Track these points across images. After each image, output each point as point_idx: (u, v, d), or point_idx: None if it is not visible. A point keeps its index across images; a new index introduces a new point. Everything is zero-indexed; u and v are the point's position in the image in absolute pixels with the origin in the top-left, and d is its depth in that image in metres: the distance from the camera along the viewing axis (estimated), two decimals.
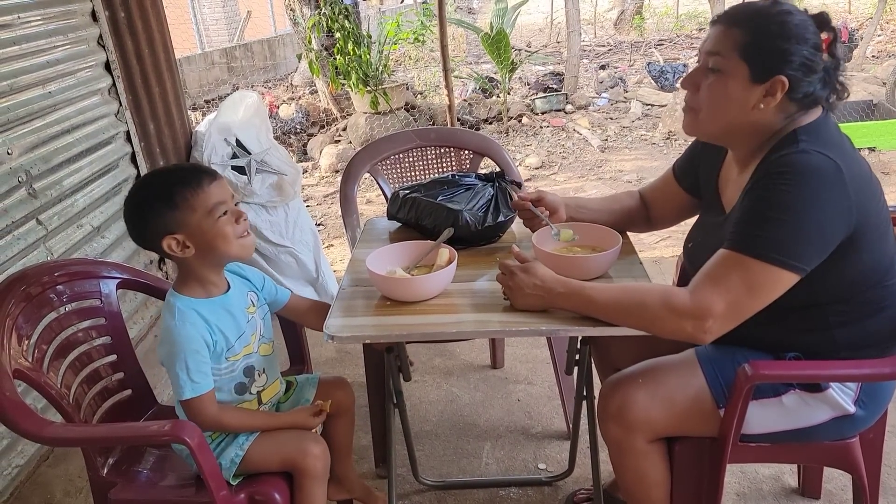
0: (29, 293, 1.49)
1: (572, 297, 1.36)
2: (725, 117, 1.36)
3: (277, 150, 3.22)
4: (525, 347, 2.80)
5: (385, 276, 1.49)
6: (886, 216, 1.34)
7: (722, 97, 1.34)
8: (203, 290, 1.44)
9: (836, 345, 1.37)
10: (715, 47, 1.33)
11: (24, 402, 1.34)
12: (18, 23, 2.33)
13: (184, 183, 1.35)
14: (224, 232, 1.38)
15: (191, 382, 1.35)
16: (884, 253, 1.34)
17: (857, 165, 1.27)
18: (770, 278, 1.23)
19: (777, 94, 1.29)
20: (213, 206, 1.36)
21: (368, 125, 6.39)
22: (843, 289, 1.33)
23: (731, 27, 1.32)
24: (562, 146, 6.29)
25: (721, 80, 1.33)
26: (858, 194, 1.24)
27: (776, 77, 1.28)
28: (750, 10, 1.33)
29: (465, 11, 14.62)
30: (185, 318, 1.38)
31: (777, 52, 1.28)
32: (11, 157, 2.22)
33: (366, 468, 2.17)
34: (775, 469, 2.04)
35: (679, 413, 1.41)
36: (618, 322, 1.33)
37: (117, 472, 1.55)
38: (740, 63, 1.30)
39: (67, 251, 2.44)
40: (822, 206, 1.21)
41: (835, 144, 1.28)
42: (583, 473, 2.06)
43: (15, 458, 2.17)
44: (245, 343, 1.48)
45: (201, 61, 9.06)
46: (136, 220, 1.39)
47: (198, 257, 1.39)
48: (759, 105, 1.31)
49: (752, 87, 1.30)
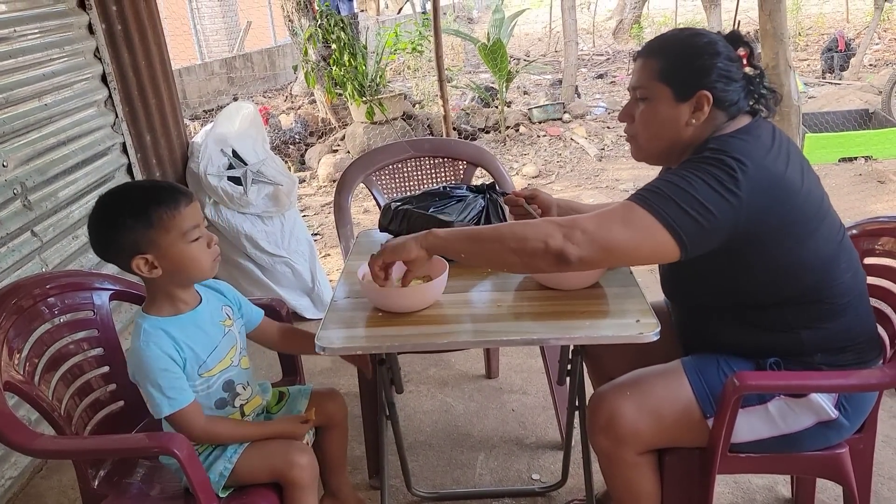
0: (20, 306, 1.50)
1: (450, 238, 1.38)
2: (662, 138, 1.44)
3: (273, 160, 3.24)
4: (519, 357, 2.80)
5: (377, 288, 1.49)
6: (812, 218, 1.35)
7: (654, 121, 1.43)
8: (172, 308, 1.43)
9: (805, 346, 1.40)
10: (639, 81, 1.44)
11: (14, 415, 1.34)
12: (15, 36, 2.34)
13: (161, 202, 1.33)
14: (195, 256, 1.38)
15: (167, 399, 1.35)
16: (812, 253, 1.35)
17: (763, 172, 1.30)
18: (647, 224, 1.27)
19: (704, 108, 1.37)
20: (187, 229, 1.35)
21: (366, 135, 6.41)
22: (778, 289, 1.37)
23: (648, 58, 1.43)
24: (559, 155, 6.31)
25: (650, 107, 1.43)
26: (754, 196, 1.27)
27: (698, 92, 1.37)
28: (662, 40, 1.45)
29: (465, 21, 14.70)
30: (149, 338, 1.37)
31: (693, 69, 1.38)
32: (7, 170, 2.24)
33: (359, 479, 2.16)
34: (769, 479, 2.03)
35: (667, 424, 1.42)
36: (498, 254, 1.33)
37: (108, 484, 1.55)
38: (662, 87, 1.40)
39: (62, 263, 2.45)
40: (707, 193, 1.26)
41: (741, 153, 1.31)
42: (576, 484, 2.06)
43: (8, 470, 2.17)
44: (219, 358, 1.47)
45: (201, 72, 9.10)
46: (104, 232, 1.35)
47: (164, 278, 1.38)
48: (691, 121, 1.40)
49: (678, 106, 1.39)
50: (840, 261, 1.39)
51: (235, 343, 1.52)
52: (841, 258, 1.39)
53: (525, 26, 13.96)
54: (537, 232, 1.29)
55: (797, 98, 3.12)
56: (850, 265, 1.41)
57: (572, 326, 1.39)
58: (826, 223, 1.38)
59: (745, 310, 1.41)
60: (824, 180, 5.20)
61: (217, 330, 1.49)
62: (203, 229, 1.40)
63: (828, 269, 1.37)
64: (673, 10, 13.41)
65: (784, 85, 3.08)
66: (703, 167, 1.30)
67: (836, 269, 1.38)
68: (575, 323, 1.40)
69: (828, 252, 1.37)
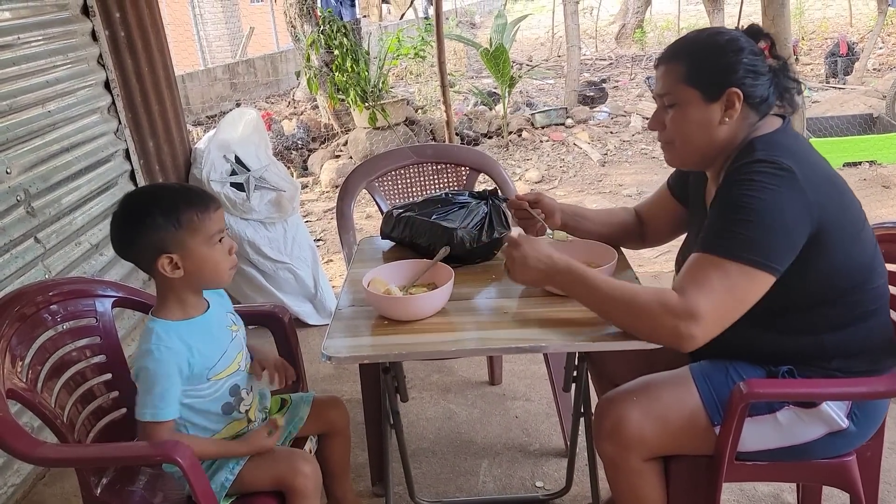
0: (23, 313, 1.50)
1: (571, 276, 1.38)
2: (698, 142, 1.42)
3: (276, 166, 3.24)
4: (523, 363, 2.79)
5: (382, 296, 1.49)
6: (857, 219, 1.37)
7: (686, 125, 1.41)
8: (182, 312, 1.43)
9: (826, 351, 1.38)
10: (664, 87, 1.42)
11: (17, 422, 1.33)
12: (19, 43, 2.35)
13: (192, 204, 1.35)
14: (217, 261, 1.39)
15: (151, 407, 1.35)
16: (859, 254, 1.36)
17: (815, 169, 1.32)
18: (746, 278, 1.25)
19: (736, 105, 1.36)
20: (214, 232, 1.37)
21: (368, 140, 6.42)
22: (821, 290, 1.35)
23: (671, 63, 1.41)
24: (562, 160, 6.30)
25: (680, 111, 1.40)
26: (816, 194, 1.28)
27: (728, 89, 1.35)
28: (682, 43, 1.44)
29: (467, 26, 14.73)
30: (161, 341, 1.37)
31: (719, 67, 1.36)
32: (10, 176, 2.24)
33: (362, 486, 2.15)
34: (774, 487, 2.02)
35: (673, 431, 1.41)
36: (608, 314, 1.35)
37: (111, 492, 1.54)
38: (690, 90, 1.38)
39: (65, 269, 2.45)
40: (782, 206, 1.25)
41: (791, 152, 1.31)
42: (580, 491, 2.05)
43: (11, 477, 2.17)
44: (228, 362, 1.47)
45: (204, 77, 9.13)
46: (131, 229, 1.36)
47: (184, 280, 1.38)
48: (725, 119, 1.37)
49: (709, 106, 1.37)
50: (876, 264, 1.39)
51: (242, 348, 1.53)
52: (877, 262, 1.40)
53: (527, 31, 13.98)
54: (654, 324, 1.28)
55: (801, 103, 3.10)
56: (883, 271, 1.42)
57: (578, 333, 1.38)
58: (867, 226, 1.39)
59: (774, 315, 1.36)
60: None
61: (225, 334, 1.49)
62: (226, 235, 1.42)
63: (867, 272, 1.37)
64: (675, 15, 13.43)
65: None
66: (762, 179, 1.27)
67: (873, 272, 1.38)
68: (581, 330, 1.39)
69: (869, 255, 1.38)
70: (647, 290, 1.34)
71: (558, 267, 1.40)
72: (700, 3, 8.89)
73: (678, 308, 1.25)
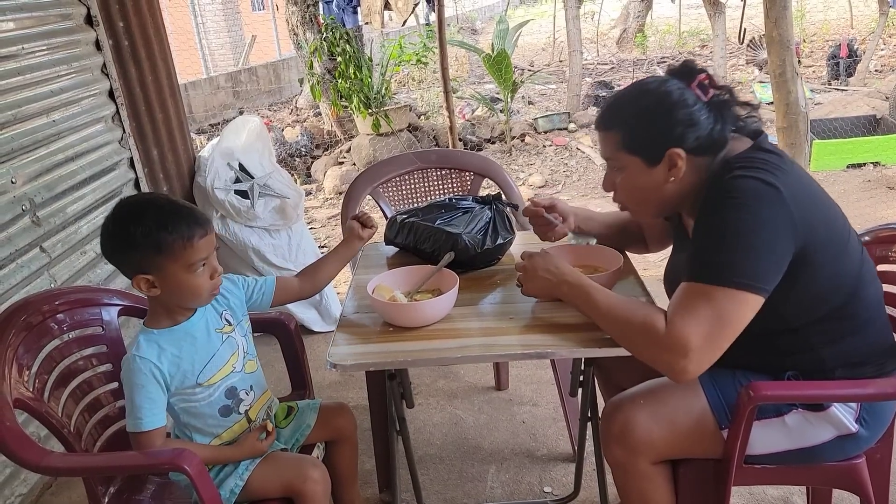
0: (29, 323, 1.50)
1: (577, 290, 1.40)
2: (649, 201, 1.44)
3: (280, 173, 3.24)
4: (529, 369, 2.78)
5: (387, 303, 1.49)
6: (843, 231, 1.35)
7: (634, 189, 1.42)
8: (169, 319, 1.43)
9: (825, 364, 1.37)
10: (606, 153, 1.43)
11: (24, 432, 1.34)
12: (23, 53, 2.36)
13: (174, 231, 1.32)
14: (195, 286, 1.38)
15: (133, 418, 1.35)
16: (847, 268, 1.34)
17: (797, 185, 1.29)
18: (735, 303, 1.23)
19: (679, 163, 1.34)
20: (195, 261, 1.35)
21: (372, 147, 6.43)
22: (812, 309, 1.34)
23: (608, 131, 1.40)
24: (565, 165, 6.30)
25: (626, 177, 1.41)
26: (802, 212, 1.26)
27: (667, 152, 1.34)
28: (614, 107, 1.42)
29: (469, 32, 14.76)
30: (138, 350, 1.37)
31: (653, 133, 1.34)
32: (15, 186, 2.24)
33: (370, 493, 2.15)
34: (784, 490, 2.01)
35: (681, 434, 1.40)
36: (606, 331, 1.36)
37: (118, 501, 1.54)
38: (631, 157, 1.38)
39: (71, 278, 2.45)
40: (765, 226, 1.23)
41: (771, 168, 1.28)
42: (589, 496, 2.04)
43: (18, 487, 2.17)
44: (219, 365, 1.46)
45: (207, 86, 9.15)
46: (115, 243, 1.36)
47: (160, 298, 1.39)
48: (670, 178, 1.36)
49: (652, 170, 1.37)
50: (864, 272, 1.37)
51: (237, 349, 1.51)
52: (865, 270, 1.38)
53: (529, 37, 13.99)
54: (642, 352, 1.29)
55: (804, 105, 3.10)
56: (873, 277, 1.40)
57: (585, 339, 1.37)
58: (852, 235, 1.37)
59: (767, 337, 1.35)
60: (832, 187, 5.18)
61: (214, 338, 1.47)
62: (212, 259, 1.40)
63: (856, 283, 1.35)
64: (676, 19, 13.44)
65: (791, 91, 3.08)
66: (740, 197, 1.25)
67: (861, 281, 1.36)
68: (588, 335, 1.39)
69: (856, 265, 1.36)
70: (638, 312, 1.31)
71: (564, 278, 1.42)
72: (701, 6, 8.90)
73: (665, 342, 1.24)
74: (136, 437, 1.37)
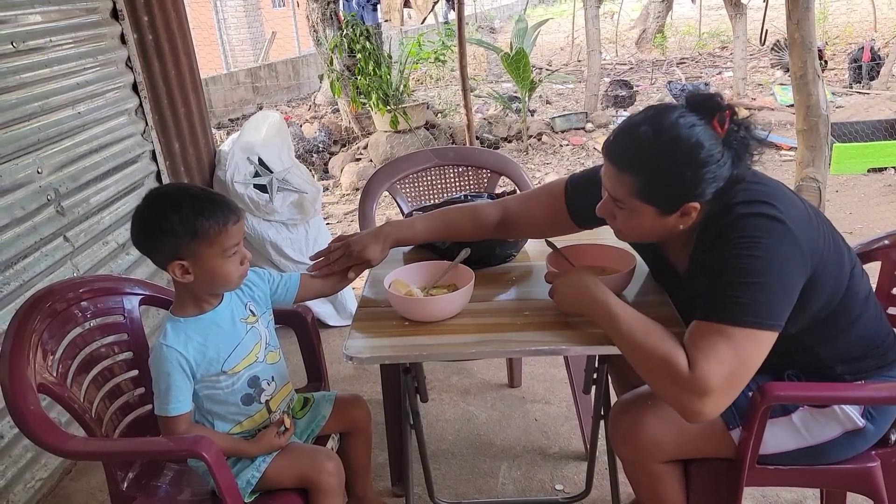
0: (55, 309, 1.53)
1: (600, 308, 1.33)
2: (647, 237, 1.42)
3: (298, 168, 3.27)
4: (542, 366, 2.79)
5: (403, 297, 1.50)
6: (835, 242, 1.35)
7: (639, 227, 1.36)
8: (196, 308, 1.46)
9: (822, 362, 1.38)
10: (616, 193, 1.33)
11: (48, 416, 1.37)
12: (50, 46, 2.40)
13: (210, 217, 1.36)
14: (228, 272, 1.41)
15: (159, 403, 1.40)
16: (842, 271, 1.35)
17: (794, 209, 1.28)
18: (752, 341, 1.21)
19: (693, 214, 1.30)
20: (229, 246, 1.39)
21: (389, 144, 6.45)
22: (812, 317, 1.34)
23: (622, 173, 1.29)
24: (582, 164, 6.29)
25: (633, 217, 1.34)
26: (807, 241, 1.25)
27: (685, 205, 1.28)
28: (635, 149, 1.29)
29: (487, 31, 14.74)
30: (166, 338, 1.41)
31: (676, 190, 1.28)
32: (41, 176, 2.28)
33: (382, 486, 2.17)
34: (797, 493, 2.00)
35: (689, 435, 1.41)
36: (625, 355, 1.31)
37: (137, 486, 1.57)
38: (644, 205, 1.30)
39: (93, 268, 2.49)
40: (780, 264, 1.22)
41: (770, 198, 1.27)
42: (601, 494, 2.05)
43: (38, 472, 2.21)
44: (243, 354, 1.49)
45: (227, 81, 9.22)
46: (149, 230, 1.38)
47: (193, 284, 1.41)
48: (679, 226, 1.33)
49: (664, 218, 1.32)
50: (845, 267, 1.36)
51: (260, 339, 1.54)
52: (852, 269, 1.38)
53: (547, 36, 13.96)
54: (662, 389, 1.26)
55: (825, 108, 3.08)
56: (860, 271, 1.40)
57: (599, 336, 1.38)
58: (837, 236, 1.37)
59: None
60: (852, 191, 5.13)
61: (238, 328, 1.50)
62: (241, 246, 1.44)
63: (848, 284, 1.36)
64: (697, 20, 13.35)
65: (812, 94, 3.05)
66: (755, 235, 1.23)
67: (853, 280, 1.36)
68: (602, 333, 1.39)
69: (844, 266, 1.36)
70: (661, 346, 1.25)
71: (589, 294, 1.36)
72: (722, 7, 8.83)
73: (687, 383, 1.20)
74: (163, 421, 1.41)
